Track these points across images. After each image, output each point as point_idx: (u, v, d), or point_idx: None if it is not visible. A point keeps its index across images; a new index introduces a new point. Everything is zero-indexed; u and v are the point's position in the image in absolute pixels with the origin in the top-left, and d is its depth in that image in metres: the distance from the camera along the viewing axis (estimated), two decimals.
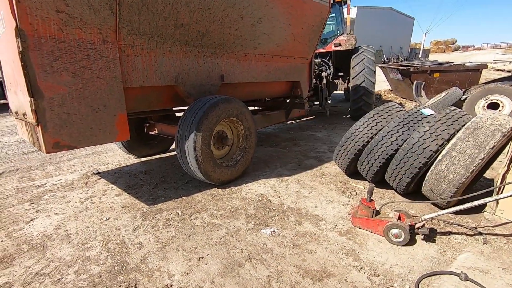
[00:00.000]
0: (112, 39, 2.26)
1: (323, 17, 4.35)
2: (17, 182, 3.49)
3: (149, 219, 2.46)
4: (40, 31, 1.89)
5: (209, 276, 1.77)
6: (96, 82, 2.23)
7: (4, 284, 1.74)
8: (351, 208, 2.50)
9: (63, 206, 2.75)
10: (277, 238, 2.15)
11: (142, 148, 4.12)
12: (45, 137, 2.05)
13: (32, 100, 1.94)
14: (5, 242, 2.18)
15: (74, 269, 1.86)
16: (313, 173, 3.44)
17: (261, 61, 3.77)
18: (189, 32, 2.77)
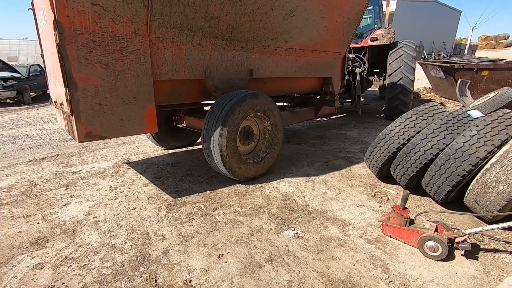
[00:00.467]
0: (143, 31, 2.28)
1: (360, 10, 4.10)
2: (56, 168, 3.72)
3: (172, 211, 2.48)
4: (76, 24, 1.95)
5: (228, 275, 1.74)
6: (127, 74, 2.27)
7: (37, 265, 1.84)
8: (381, 214, 2.34)
9: (94, 193, 2.87)
10: (300, 241, 2.06)
11: (171, 140, 4.20)
12: (78, 127, 2.12)
13: (67, 90, 2.01)
14: (41, 225, 2.32)
15: (100, 256, 1.92)
16: (341, 174, 3.28)
17: (292, 55, 3.64)
18: (219, 25, 2.73)
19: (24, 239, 2.12)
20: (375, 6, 6.57)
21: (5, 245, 2.06)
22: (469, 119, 2.34)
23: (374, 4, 6.52)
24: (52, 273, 1.76)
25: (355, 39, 6.30)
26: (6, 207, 2.62)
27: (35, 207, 2.61)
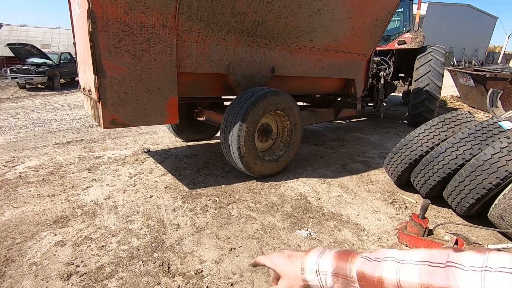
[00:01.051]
0: (171, 24, 2.33)
1: (389, 11, 3.99)
2: (80, 152, 3.88)
3: (188, 202, 2.53)
4: (108, 14, 2.01)
5: (239, 269, 1.75)
6: (153, 65, 2.32)
7: (59, 242, 1.94)
8: (398, 222, 2.28)
9: (115, 179, 2.97)
10: (313, 241, 2.05)
11: (190, 132, 4.27)
12: (104, 113, 2.20)
13: (96, 77, 2.08)
14: (64, 204, 2.43)
15: (117, 239, 1.99)
16: (358, 178, 3.22)
17: (315, 55, 3.60)
18: (245, 20, 2.74)
19: (48, 217, 2.23)
20: (405, 8, 6.37)
21: (31, 220, 2.17)
22: (499, 130, 2.23)
23: (404, 6, 6.32)
24: (72, 251, 1.84)
25: (382, 41, 6.13)
26: (33, 186, 2.77)
27: (60, 188, 2.73)
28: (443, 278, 0.34)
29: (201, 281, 1.65)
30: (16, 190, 2.66)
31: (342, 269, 0.45)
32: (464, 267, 0.33)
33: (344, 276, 0.45)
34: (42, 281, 1.59)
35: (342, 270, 0.45)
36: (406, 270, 0.38)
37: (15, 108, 8.88)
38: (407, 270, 0.38)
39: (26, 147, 4.17)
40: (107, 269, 1.70)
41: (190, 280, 1.65)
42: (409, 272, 0.38)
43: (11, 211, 2.31)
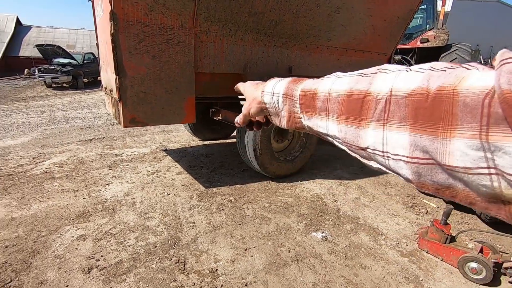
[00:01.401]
0: (190, 25, 2.35)
1: (412, 9, 3.85)
2: (102, 149, 4.01)
3: (204, 200, 2.56)
4: (129, 15, 2.06)
5: (254, 269, 1.75)
6: (171, 65, 2.36)
7: (81, 236, 2.01)
8: (419, 227, 2.20)
9: (134, 176, 3.06)
10: (328, 244, 2.02)
11: (206, 132, 4.32)
12: (124, 112, 2.26)
13: (117, 77, 2.14)
14: (86, 200, 2.52)
15: (135, 235, 2.04)
16: (376, 181, 3.14)
17: (334, 54, 3.53)
18: (262, 20, 2.73)
19: (71, 211, 2.32)
20: (429, 5, 6.14)
21: (55, 215, 2.27)
22: None
23: (428, 3, 6.10)
24: (93, 246, 1.91)
25: (403, 40, 5.95)
26: (58, 181, 2.89)
27: (82, 184, 2.84)
28: (365, 83, 0.32)
29: (215, 280, 1.66)
30: (42, 185, 2.79)
31: (290, 90, 0.45)
32: (389, 71, 0.31)
33: (291, 96, 0.45)
34: (65, 273, 1.66)
35: (290, 91, 0.45)
36: (340, 81, 0.37)
37: (42, 106, 9.31)
38: (340, 81, 0.37)
39: (51, 144, 4.36)
40: (125, 264, 1.75)
41: (205, 278, 1.67)
42: (341, 82, 0.36)
43: (37, 205, 2.42)
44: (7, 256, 1.79)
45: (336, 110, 0.36)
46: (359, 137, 0.32)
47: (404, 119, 0.27)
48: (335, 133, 0.36)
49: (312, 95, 0.40)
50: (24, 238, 1.97)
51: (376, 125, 0.30)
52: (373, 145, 0.31)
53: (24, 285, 1.57)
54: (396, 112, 0.28)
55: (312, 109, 0.40)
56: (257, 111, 0.54)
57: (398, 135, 0.28)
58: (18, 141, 4.75)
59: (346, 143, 0.35)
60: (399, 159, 0.28)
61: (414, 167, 0.27)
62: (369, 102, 0.31)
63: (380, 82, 0.31)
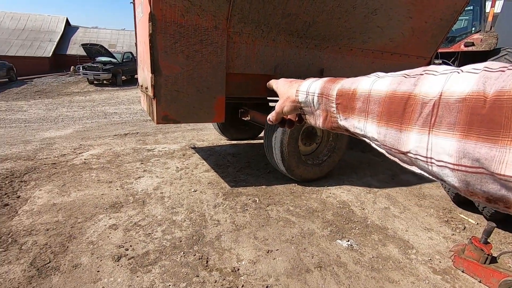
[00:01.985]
0: (223, 26, 2.40)
1: (456, 10, 3.61)
2: (135, 144, 4.21)
3: (229, 199, 2.59)
4: (167, 17, 2.14)
5: (275, 272, 1.74)
6: (204, 65, 2.41)
7: (112, 225, 2.12)
8: (454, 244, 2.05)
9: (163, 171, 3.17)
10: (354, 253, 1.94)
11: (234, 131, 4.37)
12: (158, 110, 2.35)
13: (153, 76, 2.24)
14: (119, 191, 2.66)
15: (162, 228, 2.11)
16: (409, 191, 2.97)
17: (368, 57, 3.41)
18: (296, 22, 2.70)
19: (105, 201, 2.46)
20: (476, 6, 5.72)
21: (91, 203, 2.42)
22: None
23: (475, 3, 5.68)
24: (123, 235, 2.01)
25: (445, 43, 5.60)
26: (94, 172, 3.08)
27: (116, 175, 3.00)
28: (409, 85, 0.31)
29: (237, 279, 1.67)
30: (81, 175, 2.99)
31: (326, 89, 0.44)
32: (436, 73, 0.29)
33: (327, 96, 0.44)
34: (97, 259, 1.76)
35: (326, 90, 0.44)
36: (381, 81, 0.35)
37: (84, 101, 9.99)
38: (381, 82, 0.35)
39: (91, 136, 4.66)
40: (152, 255, 1.82)
41: (227, 276, 1.68)
42: (382, 83, 0.35)
43: (76, 193, 2.60)
44: (48, 238, 1.94)
45: (375, 112, 0.34)
46: (400, 140, 0.31)
47: (454, 125, 0.25)
48: (374, 135, 0.35)
49: (351, 95, 0.39)
50: (63, 223, 2.12)
51: (421, 129, 0.28)
52: (416, 150, 0.29)
53: (60, 267, 1.69)
54: (445, 117, 0.26)
55: (350, 110, 0.39)
56: (291, 109, 0.54)
57: (445, 141, 0.26)
58: (62, 133, 5.14)
59: (385, 145, 0.34)
60: (445, 166, 0.27)
61: (461, 175, 0.26)
62: (414, 105, 0.29)
63: (427, 84, 0.29)
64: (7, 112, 8.07)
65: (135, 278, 1.63)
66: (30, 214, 2.22)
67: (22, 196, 2.51)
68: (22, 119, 7.16)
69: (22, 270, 1.65)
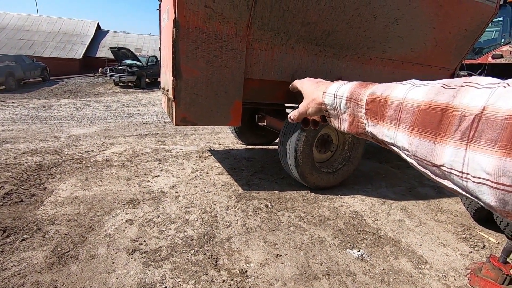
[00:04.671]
0: (244, 33, 2.47)
1: (483, 21, 3.51)
2: (154, 144, 4.36)
3: (241, 202, 2.62)
4: (190, 23, 2.24)
5: (283, 277, 1.74)
6: (223, 70, 2.49)
7: (128, 220, 2.21)
8: (471, 262, 1.97)
9: (179, 172, 3.26)
10: (364, 264, 1.91)
11: (250, 136, 4.43)
12: (177, 112, 2.44)
13: (174, 79, 2.33)
14: (136, 188, 2.77)
15: (175, 226, 2.18)
16: (426, 205, 2.89)
17: (388, 66, 3.37)
18: (315, 30, 2.73)
19: (123, 197, 2.57)
20: (506, 17, 5.51)
21: (110, 198, 2.53)
22: None
23: (505, 14, 5.48)
24: (138, 230, 2.09)
25: (471, 54, 5.42)
26: (115, 169, 3.22)
27: (135, 173, 3.12)
28: (448, 96, 0.29)
29: (244, 280, 1.69)
30: (102, 171, 3.14)
31: (356, 93, 0.43)
32: (479, 86, 0.28)
33: (355, 100, 0.43)
34: (113, 251, 1.85)
35: (356, 95, 0.43)
36: (416, 90, 0.34)
37: (109, 102, 10.44)
38: (417, 90, 0.34)
39: (113, 135, 4.87)
40: (164, 251, 1.88)
41: (235, 277, 1.71)
42: (417, 92, 0.33)
43: (97, 187, 2.73)
44: (69, 228, 2.05)
45: (408, 121, 0.33)
46: (434, 152, 0.30)
47: (495, 142, 0.24)
48: (405, 144, 0.34)
49: (383, 102, 0.37)
50: (83, 215, 2.23)
51: (458, 143, 0.27)
52: (450, 164, 0.28)
53: (79, 256, 1.78)
54: (486, 133, 0.25)
55: (380, 116, 0.38)
56: (316, 111, 0.53)
57: (483, 158, 0.25)
58: (87, 131, 5.41)
59: (416, 156, 0.33)
60: (483, 183, 0.26)
61: (499, 194, 0.24)
62: (451, 117, 0.28)
63: (468, 97, 0.28)
64: (39, 109, 8.59)
65: (147, 272, 1.69)
66: (54, 205, 2.36)
67: (48, 188, 2.67)
68: (52, 116, 7.59)
69: (44, 256, 1.76)
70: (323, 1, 2.55)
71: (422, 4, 2.95)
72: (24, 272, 1.63)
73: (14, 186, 2.66)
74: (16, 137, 4.55)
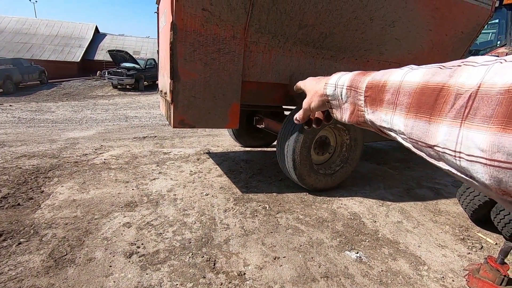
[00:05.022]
0: (241, 35, 2.48)
1: (479, 23, 3.54)
2: (153, 146, 4.35)
3: (239, 205, 2.62)
4: (188, 26, 2.25)
5: (281, 279, 1.74)
6: (220, 73, 2.50)
7: (126, 223, 2.20)
8: (469, 263, 1.98)
9: (177, 174, 3.26)
10: (362, 266, 1.91)
11: (248, 138, 4.43)
12: (175, 114, 2.45)
13: (171, 82, 2.34)
14: (134, 191, 2.76)
15: (173, 229, 2.17)
16: (424, 206, 2.89)
17: (385, 68, 3.39)
18: (312, 33, 2.75)
19: (121, 200, 2.56)
20: (502, 19, 5.56)
21: (108, 201, 2.53)
22: None
23: (501, 17, 5.52)
24: (135, 233, 2.08)
25: (467, 56, 5.45)
26: (113, 171, 3.22)
27: (133, 176, 3.11)
28: (444, 76, 0.29)
29: (242, 283, 1.68)
30: (100, 174, 3.13)
31: (356, 81, 0.43)
32: (476, 64, 0.27)
33: (355, 88, 0.43)
34: (110, 255, 1.84)
35: (356, 82, 0.43)
36: (414, 73, 0.33)
37: (107, 105, 10.42)
38: (414, 73, 0.33)
39: (111, 138, 4.86)
40: (161, 254, 1.87)
41: (233, 280, 1.70)
42: (414, 74, 0.33)
43: (94, 190, 2.72)
44: (66, 232, 2.04)
45: (404, 103, 0.33)
46: (429, 132, 0.29)
47: (490, 118, 0.23)
48: (400, 127, 0.34)
49: (381, 87, 0.37)
50: (81, 218, 2.22)
51: (452, 122, 0.27)
52: (444, 143, 0.28)
53: (76, 260, 1.77)
54: (481, 110, 0.24)
55: (378, 102, 0.38)
56: (319, 104, 0.53)
57: (477, 135, 0.24)
58: (85, 134, 5.40)
59: (411, 139, 0.32)
60: (476, 161, 0.25)
61: (493, 171, 0.24)
62: (446, 96, 0.28)
63: (465, 75, 0.27)
64: (37, 112, 8.56)
65: (145, 275, 1.69)
66: (52, 208, 2.35)
67: (46, 191, 2.66)
68: (50, 119, 7.58)
69: (41, 260, 1.75)
70: (320, 4, 2.57)
71: (419, 7, 2.97)
72: (21, 276, 1.62)
73: (11, 189, 2.64)
74: (13, 140, 4.54)
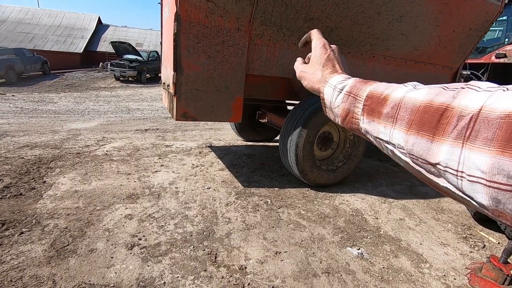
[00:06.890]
0: (246, 28, 2.44)
1: (488, 20, 3.47)
2: (155, 139, 4.35)
3: (241, 199, 2.62)
4: (192, 17, 2.22)
5: (282, 274, 1.74)
6: (224, 66, 2.47)
7: (128, 215, 2.20)
8: (471, 261, 1.97)
9: (179, 167, 3.25)
10: (364, 262, 1.91)
11: (251, 133, 4.41)
12: (178, 107, 2.43)
13: (174, 74, 2.31)
14: (136, 183, 2.76)
15: (175, 222, 2.17)
16: (426, 204, 2.88)
17: (391, 64, 3.35)
18: (318, 26, 2.70)
19: (122, 192, 2.56)
20: (510, 16, 5.46)
21: (110, 193, 2.53)
22: None
23: (510, 14, 5.43)
24: (137, 225, 2.08)
25: (474, 53, 5.38)
26: (115, 163, 3.21)
27: (134, 168, 3.11)
28: (448, 97, 0.30)
29: (244, 277, 1.69)
30: (102, 165, 3.13)
31: (356, 88, 0.43)
32: (479, 89, 0.28)
33: (354, 95, 0.43)
34: (112, 246, 1.84)
35: (356, 90, 0.43)
36: (417, 91, 0.34)
37: (109, 96, 10.40)
38: (417, 91, 0.34)
39: (113, 130, 4.86)
40: (163, 247, 1.87)
41: (234, 274, 1.70)
42: (418, 92, 0.34)
43: (96, 182, 2.72)
44: (68, 222, 2.04)
45: (406, 119, 0.34)
46: (430, 151, 0.30)
47: (490, 141, 0.24)
48: (400, 142, 0.35)
49: (381, 100, 0.38)
50: (83, 209, 2.22)
51: (454, 142, 0.28)
52: (446, 162, 0.29)
53: (77, 250, 1.77)
54: (482, 132, 0.25)
55: (376, 114, 0.39)
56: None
57: (479, 156, 0.25)
58: (87, 125, 5.39)
59: (411, 155, 0.33)
60: (477, 181, 0.26)
61: (493, 192, 0.25)
62: (450, 117, 0.29)
63: (468, 98, 0.28)
64: (39, 103, 8.56)
65: (146, 267, 1.69)
66: (54, 199, 2.35)
67: (48, 182, 2.66)
68: (52, 110, 7.57)
69: (43, 250, 1.75)
70: None
71: (427, 2, 2.91)
72: (23, 265, 1.62)
73: (13, 179, 2.65)
74: (16, 131, 4.54)
